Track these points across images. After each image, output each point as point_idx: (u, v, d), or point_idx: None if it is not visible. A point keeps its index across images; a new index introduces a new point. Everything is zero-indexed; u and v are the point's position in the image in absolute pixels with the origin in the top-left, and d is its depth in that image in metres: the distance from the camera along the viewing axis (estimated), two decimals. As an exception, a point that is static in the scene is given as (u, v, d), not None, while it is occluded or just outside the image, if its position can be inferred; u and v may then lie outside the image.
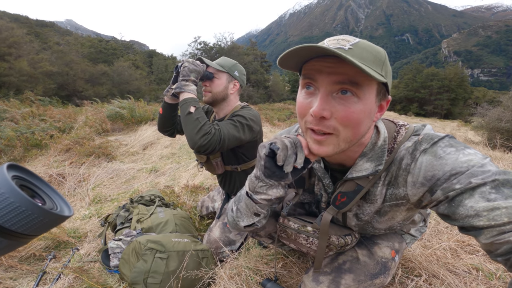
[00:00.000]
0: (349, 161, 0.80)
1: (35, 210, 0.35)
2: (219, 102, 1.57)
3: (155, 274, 1.16)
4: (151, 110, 6.62)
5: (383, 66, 0.64)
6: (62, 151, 3.66)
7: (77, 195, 2.60)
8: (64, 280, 1.30)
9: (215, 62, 1.59)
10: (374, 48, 0.64)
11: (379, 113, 0.71)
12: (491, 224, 0.54)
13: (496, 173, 0.58)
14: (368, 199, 0.82)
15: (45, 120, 4.88)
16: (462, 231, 0.62)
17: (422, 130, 0.76)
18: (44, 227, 0.37)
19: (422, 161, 0.67)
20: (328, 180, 0.88)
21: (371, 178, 0.78)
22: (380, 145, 0.75)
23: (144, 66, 33.27)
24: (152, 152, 4.32)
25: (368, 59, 0.61)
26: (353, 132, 0.66)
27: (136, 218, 1.57)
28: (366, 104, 0.64)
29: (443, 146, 0.66)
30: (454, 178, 0.61)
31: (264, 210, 0.84)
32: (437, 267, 1.22)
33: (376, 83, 0.65)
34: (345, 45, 0.62)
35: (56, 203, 0.42)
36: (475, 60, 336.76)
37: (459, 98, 34.27)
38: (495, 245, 0.55)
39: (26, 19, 46.79)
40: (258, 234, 1.07)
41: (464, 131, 10.42)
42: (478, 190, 0.57)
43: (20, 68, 14.44)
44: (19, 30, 17.50)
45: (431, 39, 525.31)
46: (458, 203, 0.59)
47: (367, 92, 0.63)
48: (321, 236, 0.87)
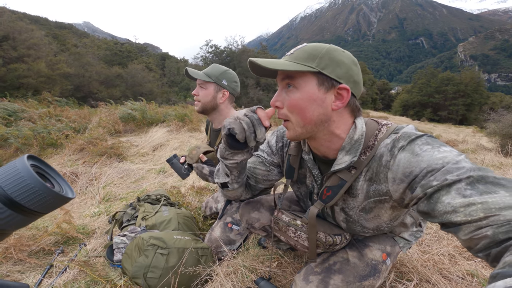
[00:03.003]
0: (329, 152, 0.88)
1: (46, 191, 0.43)
2: (209, 112, 1.61)
3: (155, 269, 1.22)
4: (162, 112, 6.77)
5: (317, 59, 0.76)
6: (76, 150, 3.80)
7: (89, 193, 2.71)
8: (69, 273, 1.37)
9: (202, 72, 1.59)
10: (313, 47, 0.79)
11: (339, 101, 0.79)
12: (468, 219, 0.56)
13: (470, 169, 0.60)
14: (351, 193, 0.88)
15: (61, 120, 5.04)
16: (443, 228, 0.63)
17: (402, 129, 0.79)
18: (51, 205, 0.45)
19: (401, 158, 0.70)
20: (317, 171, 0.95)
21: (353, 172, 0.83)
22: (356, 138, 0.81)
23: (157, 69, 33.86)
24: (162, 154, 4.43)
25: (301, 57, 0.77)
26: (301, 116, 0.80)
27: (141, 215, 1.65)
28: (303, 92, 0.78)
29: (420, 144, 0.69)
30: (431, 175, 0.63)
31: (232, 172, 0.99)
32: (431, 272, 1.22)
33: (312, 74, 0.77)
34: (291, 52, 0.81)
35: (62, 187, 0.52)
36: (492, 65, 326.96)
37: (475, 104, 33.16)
38: (474, 241, 0.56)
39: (45, 21, 48.28)
40: (253, 226, 1.15)
41: (479, 137, 10.13)
42: (454, 186, 0.59)
43: (38, 69, 14.82)
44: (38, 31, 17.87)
45: (446, 43, 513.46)
46: (436, 200, 0.61)
47: (302, 82, 0.78)
48: (310, 229, 0.93)
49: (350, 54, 0.82)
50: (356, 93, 0.82)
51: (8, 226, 0.42)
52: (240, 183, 1.05)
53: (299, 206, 1.22)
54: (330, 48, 0.78)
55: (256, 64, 0.77)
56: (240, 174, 1.01)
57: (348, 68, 0.79)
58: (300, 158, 1.01)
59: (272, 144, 1.10)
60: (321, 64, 0.76)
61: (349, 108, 0.82)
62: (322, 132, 0.82)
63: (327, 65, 0.76)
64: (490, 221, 0.53)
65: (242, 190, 1.10)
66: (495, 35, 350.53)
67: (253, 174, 1.12)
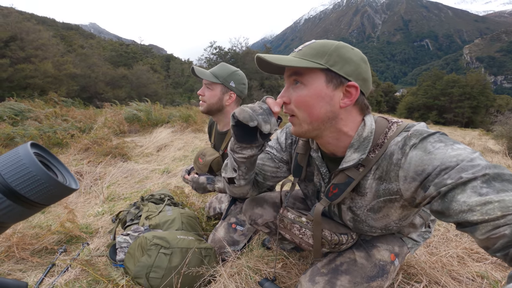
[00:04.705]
0: (338, 150, 0.86)
1: (49, 181, 0.40)
2: (214, 113, 1.55)
3: (158, 269, 1.21)
4: (167, 113, 6.80)
5: (326, 56, 0.75)
6: (81, 150, 3.82)
7: (93, 193, 2.71)
8: (71, 272, 1.36)
9: (209, 71, 1.51)
10: (321, 44, 0.78)
11: (347, 99, 0.78)
12: (485, 218, 0.54)
13: (486, 167, 0.58)
14: (359, 191, 0.86)
15: (67, 120, 5.08)
16: (458, 227, 0.62)
17: (414, 127, 0.77)
18: (54, 197, 0.42)
19: (412, 156, 0.69)
20: (324, 169, 0.94)
21: (361, 170, 0.82)
22: (365, 136, 0.80)
23: (162, 70, 34.05)
24: (166, 154, 4.44)
25: (309, 54, 0.76)
26: (308, 113, 0.79)
27: (145, 215, 1.64)
28: (311, 89, 0.77)
29: (432, 142, 0.68)
30: (445, 173, 0.61)
31: (240, 167, 0.96)
32: (440, 274, 1.20)
33: (321, 71, 0.76)
34: (299, 48, 0.80)
35: (66, 178, 0.48)
36: (498, 67, 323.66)
37: (481, 106, 32.67)
38: (491, 240, 0.55)
39: (53, 22, 48.88)
40: (256, 223, 1.15)
41: (485, 140, 10.00)
42: (469, 184, 0.58)
43: (45, 70, 14.94)
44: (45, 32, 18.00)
45: (452, 45, 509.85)
46: (451, 199, 0.60)
47: (310, 79, 0.77)
48: (315, 226, 0.92)
49: (359, 51, 0.81)
50: (365, 90, 0.81)
51: (6, 218, 0.39)
52: (247, 180, 1.03)
53: (304, 204, 1.21)
54: (339, 45, 0.77)
55: (264, 60, 0.76)
56: (248, 170, 0.99)
57: (357, 65, 0.78)
58: (308, 156, 1.01)
59: (281, 141, 1.09)
60: (330, 61, 0.75)
61: (357, 106, 0.81)
62: (329, 129, 0.81)
63: (336, 62, 0.75)
64: (508, 220, 0.52)
65: (249, 188, 1.08)
66: (501, 37, 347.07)
67: (261, 171, 1.10)
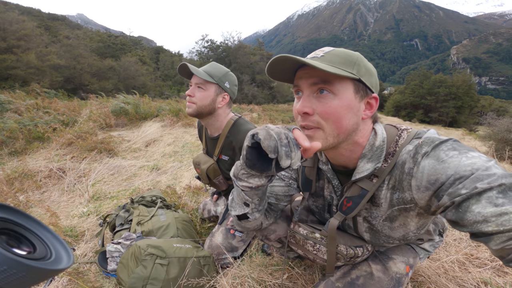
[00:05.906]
0: (349, 162, 0.82)
1: (11, 263, 0.27)
2: (205, 116, 1.41)
3: (155, 281, 1.11)
4: (156, 106, 6.59)
5: (355, 66, 0.72)
6: (64, 145, 3.63)
7: (77, 191, 2.56)
8: (58, 282, 1.23)
9: (202, 69, 1.38)
10: (346, 53, 0.73)
11: (368, 110, 0.76)
12: (500, 229, 0.53)
13: (502, 176, 0.56)
14: (374, 202, 0.83)
15: (49, 112, 4.84)
16: (473, 237, 0.60)
17: (425, 134, 0.75)
18: (26, 282, 0.28)
19: (425, 165, 0.66)
20: (337, 182, 0.89)
21: (375, 181, 0.78)
22: (378, 145, 0.77)
23: (151, 62, 33.36)
24: (155, 149, 4.28)
25: (337, 61, 0.71)
26: (336, 125, 0.72)
27: (136, 220, 1.52)
28: (342, 99, 0.71)
29: (445, 150, 0.65)
30: (459, 183, 0.59)
31: (253, 200, 0.83)
32: (446, 281, 1.20)
33: (350, 81, 0.72)
34: (319, 54, 0.74)
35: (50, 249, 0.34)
36: (483, 68, 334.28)
37: (465, 106, 33.67)
38: (506, 251, 0.54)
39: (38, 12, 47.28)
40: (268, 238, 1.06)
41: (469, 140, 10.27)
42: (484, 195, 0.56)
43: (27, 60, 14.49)
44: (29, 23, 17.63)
45: (440, 45, 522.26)
46: (465, 209, 0.58)
47: (341, 88, 0.71)
48: (329, 242, 0.88)
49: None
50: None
51: None
52: (261, 211, 0.91)
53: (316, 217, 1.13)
54: (360, 55, 0.76)
55: (276, 65, 0.72)
56: (261, 201, 0.87)
57: (376, 77, 0.78)
58: (316, 168, 0.94)
59: None
60: (360, 72, 0.73)
61: (372, 117, 0.80)
62: (347, 141, 0.77)
63: (364, 73, 0.73)
64: None
65: (263, 218, 0.97)
66: (489, 39, 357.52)
67: (272, 193, 1.00)
